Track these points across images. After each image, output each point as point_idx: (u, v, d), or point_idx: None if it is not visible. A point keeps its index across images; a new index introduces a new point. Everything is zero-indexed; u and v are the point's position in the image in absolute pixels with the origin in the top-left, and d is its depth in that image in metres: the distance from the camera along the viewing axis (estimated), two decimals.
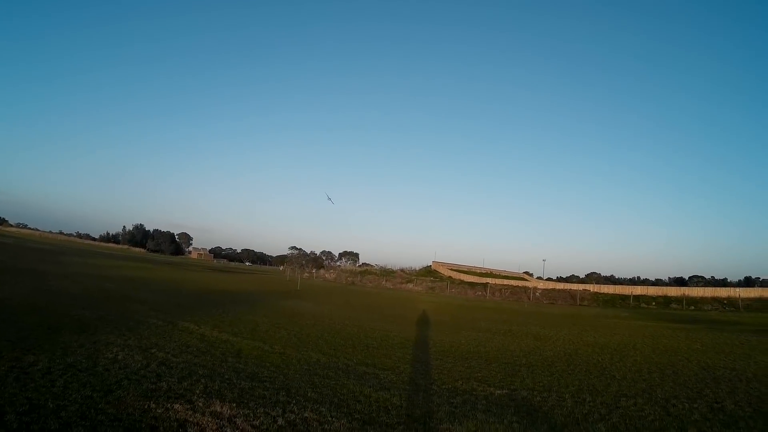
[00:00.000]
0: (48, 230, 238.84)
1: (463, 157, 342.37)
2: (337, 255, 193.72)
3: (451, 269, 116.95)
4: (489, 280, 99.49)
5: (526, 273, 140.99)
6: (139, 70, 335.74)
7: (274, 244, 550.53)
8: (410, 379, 12.34)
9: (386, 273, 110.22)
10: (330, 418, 8.20)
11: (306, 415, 8.28)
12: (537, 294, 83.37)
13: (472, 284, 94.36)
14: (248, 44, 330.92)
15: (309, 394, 9.73)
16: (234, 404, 8.43)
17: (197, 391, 9.00)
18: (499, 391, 11.50)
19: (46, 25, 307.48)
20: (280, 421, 7.81)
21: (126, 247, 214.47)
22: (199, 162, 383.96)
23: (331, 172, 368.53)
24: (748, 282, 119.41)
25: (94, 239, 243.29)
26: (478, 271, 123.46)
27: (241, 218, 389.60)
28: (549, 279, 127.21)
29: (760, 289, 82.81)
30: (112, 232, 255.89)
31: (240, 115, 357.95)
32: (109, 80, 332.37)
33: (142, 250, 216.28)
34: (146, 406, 7.75)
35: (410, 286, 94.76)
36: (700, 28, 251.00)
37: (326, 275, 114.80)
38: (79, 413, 7.09)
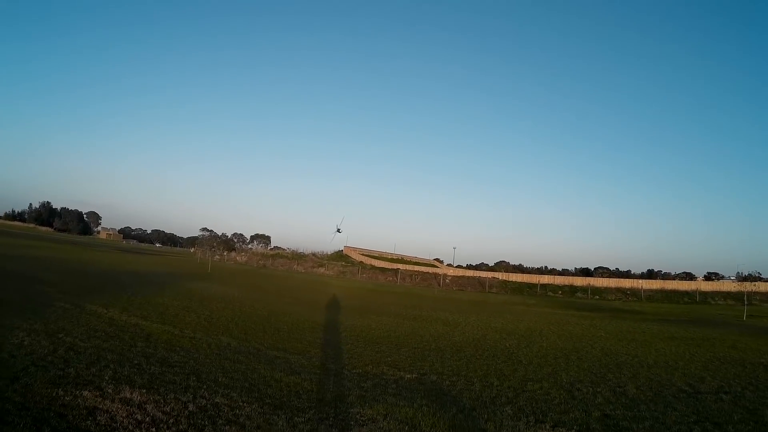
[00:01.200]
0: None
1: (377, 139, 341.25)
2: (248, 237, 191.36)
3: (363, 254, 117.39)
4: (400, 265, 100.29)
5: (437, 260, 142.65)
6: (46, 29, 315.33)
7: (185, 225, 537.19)
8: (321, 363, 12.58)
9: (298, 257, 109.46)
10: (241, 403, 8.31)
11: (217, 400, 8.36)
12: (447, 280, 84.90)
13: (383, 269, 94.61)
14: None
15: (220, 379, 9.81)
16: (144, 390, 8.40)
17: (106, 377, 8.91)
18: (408, 375, 11.86)
19: None
20: (191, 407, 7.86)
21: (32, 225, 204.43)
22: (109, 137, 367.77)
23: (245, 150, 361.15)
24: (651, 274, 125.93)
25: None
26: (389, 256, 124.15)
27: (151, 198, 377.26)
28: (459, 266, 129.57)
29: (661, 281, 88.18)
30: (18, 209, 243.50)
31: (153, 87, 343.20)
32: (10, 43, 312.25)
33: (49, 229, 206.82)
34: (54, 394, 7.64)
35: (322, 270, 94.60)
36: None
37: (237, 258, 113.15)
38: None
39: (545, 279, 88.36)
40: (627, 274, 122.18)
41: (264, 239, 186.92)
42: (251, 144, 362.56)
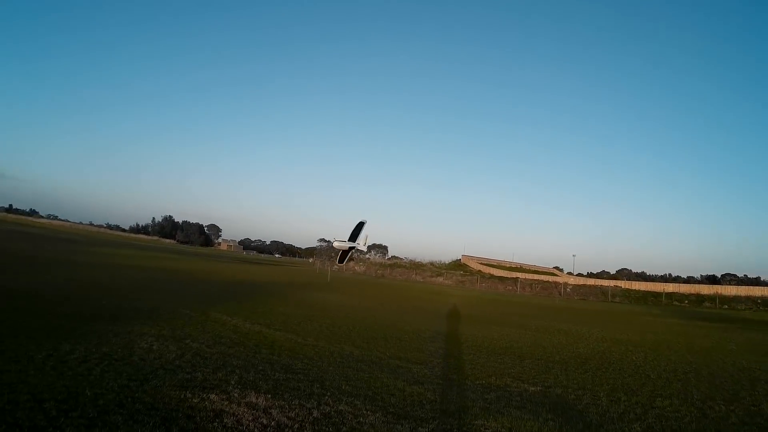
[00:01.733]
0: (78, 221, 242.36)
1: (492, 150, 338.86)
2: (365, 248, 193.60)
3: (481, 263, 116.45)
4: (519, 274, 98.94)
5: (556, 268, 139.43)
6: (168, 62, 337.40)
7: (303, 236, 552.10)
8: (443, 373, 12.31)
9: (415, 266, 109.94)
10: (365, 411, 8.20)
11: (341, 407, 8.29)
12: (568, 289, 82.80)
13: (501, 278, 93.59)
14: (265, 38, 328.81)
15: (343, 387, 9.75)
16: (269, 395, 8.47)
17: (232, 382, 9.07)
18: (532, 388, 11.41)
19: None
20: (315, 413, 7.83)
21: (156, 238, 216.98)
22: (230, 154, 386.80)
23: (360, 167, 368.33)
24: None
25: (123, 230, 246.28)
26: (508, 265, 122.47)
27: (270, 210, 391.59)
28: (579, 275, 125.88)
29: None
30: (142, 223, 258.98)
31: (267, 109, 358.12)
32: (139, 74, 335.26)
33: (172, 241, 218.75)
34: (182, 396, 7.83)
35: (440, 279, 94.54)
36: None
37: (356, 267, 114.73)
38: (116, 401, 7.17)
39: (670, 287, 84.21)
40: (757, 282, 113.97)
41: (381, 249, 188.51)
42: (367, 153, 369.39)
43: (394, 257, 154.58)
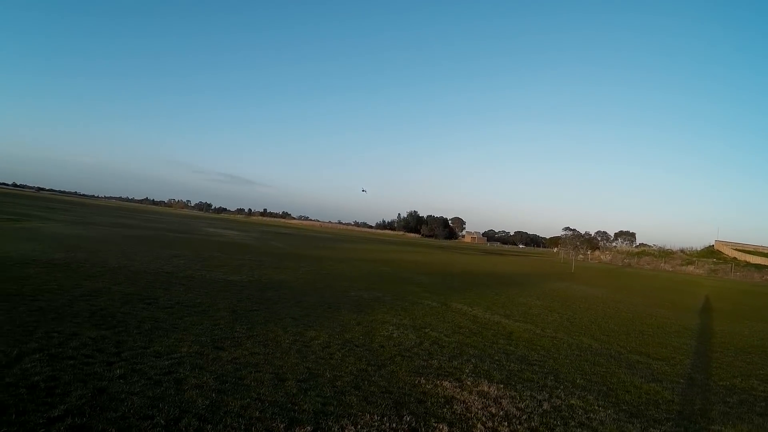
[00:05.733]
0: (327, 221, 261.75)
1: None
2: (612, 235, 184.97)
3: (736, 249, 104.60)
4: None
5: None
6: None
7: (548, 226, 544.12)
8: (684, 372, 11.69)
9: (664, 254, 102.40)
10: (596, 407, 8.08)
11: (572, 402, 8.24)
12: None
13: (759, 267, 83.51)
14: None
15: (577, 381, 9.67)
16: (501, 385, 8.66)
17: (466, 371, 9.41)
18: None
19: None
20: (545, 405, 7.87)
21: (401, 233, 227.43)
22: (471, 149, 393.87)
23: (605, 156, 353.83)
24: None
25: (370, 227, 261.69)
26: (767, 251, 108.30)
27: (513, 200, 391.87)
28: None
29: None
30: (388, 219, 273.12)
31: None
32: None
33: (417, 235, 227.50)
34: (416, 382, 8.31)
35: (690, 268, 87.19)
36: None
37: (601, 257, 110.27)
38: (353, 383, 7.84)
39: None
40: None
41: (629, 236, 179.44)
42: (606, 138, 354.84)
43: (641, 245, 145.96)
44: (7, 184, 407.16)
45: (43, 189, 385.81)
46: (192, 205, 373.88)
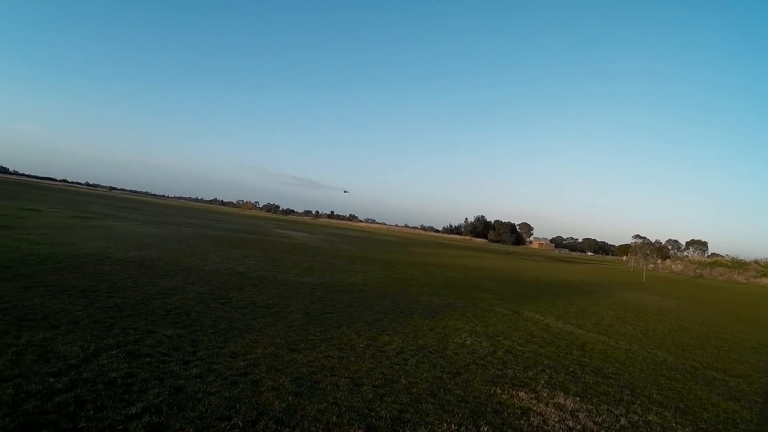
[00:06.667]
0: (394, 224, 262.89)
1: None
2: (683, 244, 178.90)
3: None
4: None
5: None
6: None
7: (617, 233, 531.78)
8: (763, 390, 11.30)
9: (738, 265, 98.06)
10: (674, 425, 7.90)
11: (650, 418, 8.09)
12: None
13: None
14: None
15: (654, 396, 9.48)
16: (577, 398, 8.54)
17: (542, 382, 9.31)
18: None
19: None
20: (622, 420, 7.74)
21: (468, 237, 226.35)
22: (540, 155, 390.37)
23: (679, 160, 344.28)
24: None
25: (437, 231, 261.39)
26: None
27: (582, 207, 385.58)
28: None
29: None
30: (455, 223, 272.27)
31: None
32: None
33: (484, 240, 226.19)
34: (492, 391, 8.26)
35: (765, 280, 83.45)
36: None
37: (672, 266, 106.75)
38: (428, 391, 7.85)
39: None
40: None
41: (700, 245, 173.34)
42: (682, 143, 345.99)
43: (713, 254, 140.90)
44: (81, 183, 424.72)
45: (115, 188, 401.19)
46: (260, 206, 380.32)
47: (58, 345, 7.65)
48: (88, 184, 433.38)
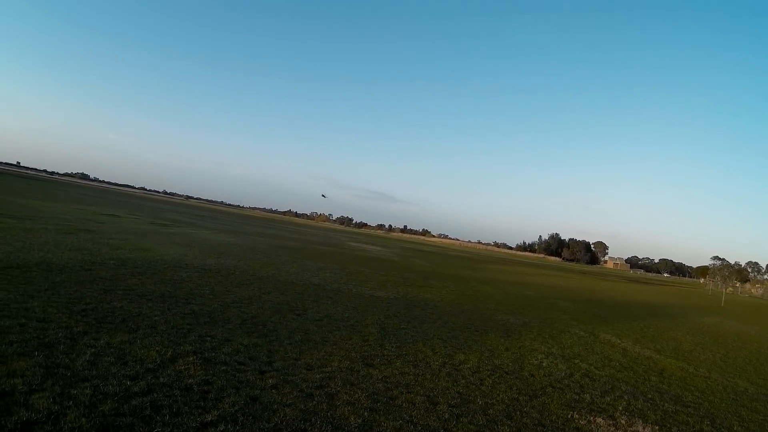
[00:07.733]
0: (467, 240, 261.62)
1: None
2: (764, 267, 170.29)
3: None
4: None
5: None
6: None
7: (695, 254, 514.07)
8: None
9: None
10: None
11: None
12: None
13: None
14: None
15: (735, 428, 9.20)
16: (657, 426, 8.36)
17: (620, 408, 9.13)
18: None
19: None
20: None
21: (541, 255, 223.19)
22: (616, 174, 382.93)
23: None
24: None
25: (510, 248, 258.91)
26: None
27: (659, 228, 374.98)
28: None
29: None
30: (528, 241, 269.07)
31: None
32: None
33: (558, 258, 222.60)
34: (569, 416, 8.15)
35: None
36: None
37: (752, 290, 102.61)
38: (505, 413, 7.81)
39: None
40: None
41: None
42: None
43: None
44: (159, 191, 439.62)
45: (191, 197, 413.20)
46: (333, 219, 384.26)
47: (135, 348, 7.94)
48: (165, 192, 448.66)
